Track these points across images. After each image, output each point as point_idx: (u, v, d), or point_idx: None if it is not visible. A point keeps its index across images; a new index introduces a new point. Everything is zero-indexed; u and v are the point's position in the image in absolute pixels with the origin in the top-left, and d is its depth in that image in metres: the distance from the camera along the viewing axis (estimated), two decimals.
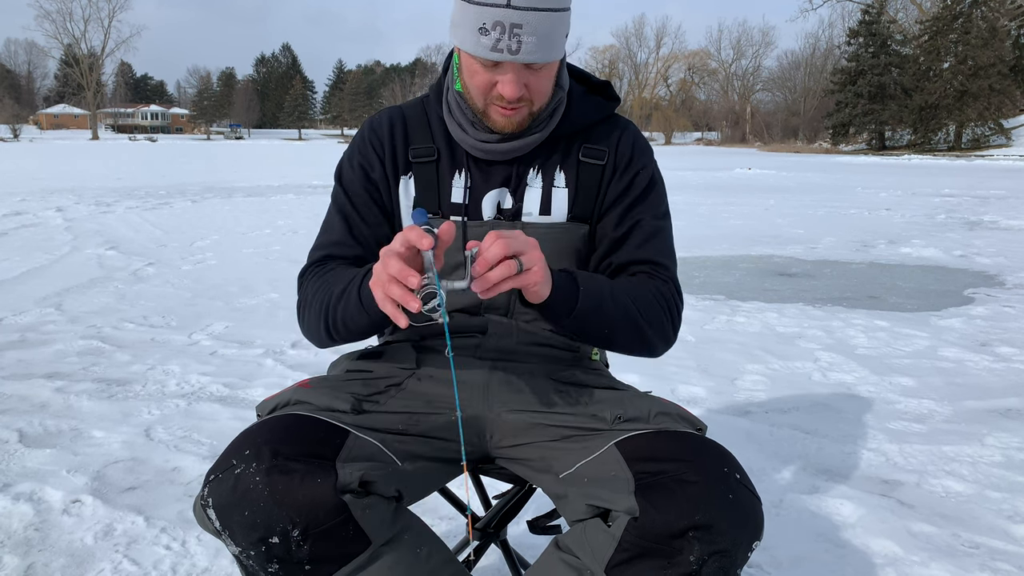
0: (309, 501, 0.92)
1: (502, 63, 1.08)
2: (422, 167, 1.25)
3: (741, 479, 0.97)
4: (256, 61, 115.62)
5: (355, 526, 0.96)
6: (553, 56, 1.09)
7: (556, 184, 1.24)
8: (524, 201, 1.23)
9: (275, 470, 0.93)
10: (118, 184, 13.66)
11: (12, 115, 73.55)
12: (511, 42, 1.04)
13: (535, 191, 1.23)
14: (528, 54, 1.06)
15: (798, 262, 6.27)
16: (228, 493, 0.93)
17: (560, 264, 1.21)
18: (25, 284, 4.83)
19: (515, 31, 1.03)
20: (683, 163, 27.86)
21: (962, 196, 13.02)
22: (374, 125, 1.29)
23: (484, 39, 1.05)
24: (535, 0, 1.03)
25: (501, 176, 1.23)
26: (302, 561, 0.94)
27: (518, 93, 1.10)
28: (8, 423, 2.52)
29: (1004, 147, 40.86)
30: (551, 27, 1.06)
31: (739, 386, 3.07)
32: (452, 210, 1.23)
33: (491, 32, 1.04)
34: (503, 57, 1.05)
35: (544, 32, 1.05)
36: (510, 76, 1.09)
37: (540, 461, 1.14)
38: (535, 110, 1.16)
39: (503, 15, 1.03)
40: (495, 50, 1.05)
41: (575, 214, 1.24)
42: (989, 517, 2.01)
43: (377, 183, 1.25)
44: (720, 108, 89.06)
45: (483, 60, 1.08)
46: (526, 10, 1.03)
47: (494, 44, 1.05)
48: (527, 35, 1.04)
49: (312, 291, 1.19)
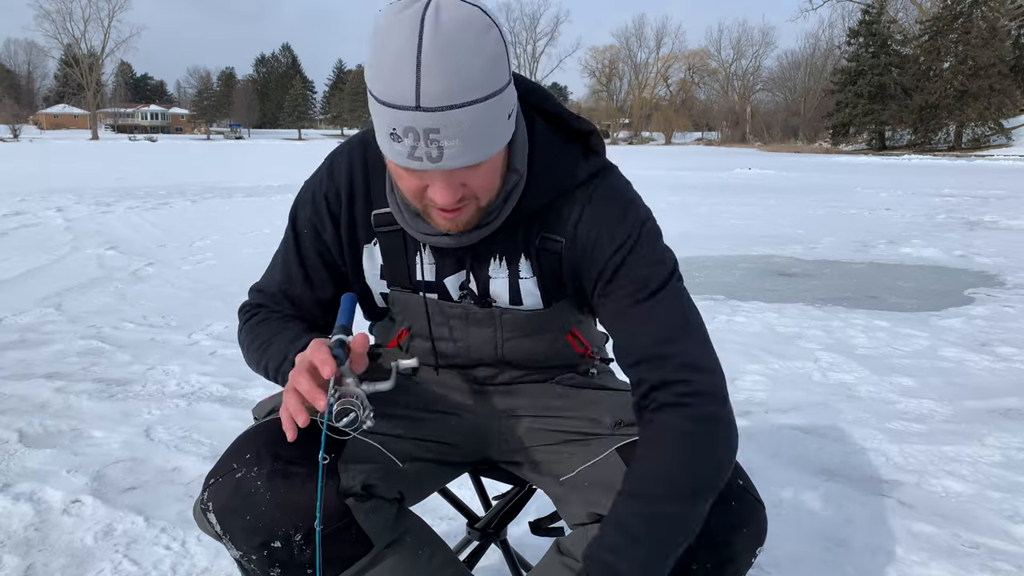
0: (311, 505, 0.92)
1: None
2: (386, 235, 1.08)
3: (744, 485, 0.97)
4: (256, 61, 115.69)
5: (357, 529, 0.95)
6: (490, 153, 0.88)
7: (522, 275, 1.06)
8: (491, 290, 1.07)
9: (276, 474, 0.92)
10: (118, 184, 13.65)
11: (12, 115, 73.56)
12: (430, 149, 0.83)
13: (500, 281, 1.06)
14: (453, 159, 0.84)
15: (798, 262, 6.27)
16: (229, 497, 0.92)
17: (545, 338, 1.13)
18: (25, 284, 4.83)
19: (432, 137, 0.82)
20: (683, 163, 27.87)
21: (962, 196, 13.01)
22: (333, 172, 1.09)
23: (398, 146, 0.84)
24: (452, 95, 0.80)
25: (460, 262, 1.07)
26: (304, 565, 0.94)
27: (454, 199, 0.89)
28: (8, 423, 2.52)
29: (1004, 147, 40.84)
30: (479, 122, 0.83)
31: (739, 386, 3.07)
32: (422, 286, 1.09)
33: (403, 139, 0.83)
34: (423, 166, 0.85)
35: (470, 131, 0.83)
36: (440, 183, 0.88)
37: (541, 464, 1.14)
38: (484, 205, 0.95)
39: (413, 120, 0.81)
40: (412, 158, 0.85)
41: (550, 300, 1.09)
42: (989, 517, 2.01)
43: (328, 244, 1.10)
44: (720, 108, 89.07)
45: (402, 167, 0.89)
46: (440, 111, 0.81)
47: (410, 152, 0.84)
48: (448, 139, 0.82)
49: (248, 341, 1.12)
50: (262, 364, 1.07)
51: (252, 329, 1.12)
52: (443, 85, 0.80)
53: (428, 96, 0.80)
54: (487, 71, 0.83)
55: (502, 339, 1.11)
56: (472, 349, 1.13)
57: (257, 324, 1.12)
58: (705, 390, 0.95)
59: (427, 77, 0.80)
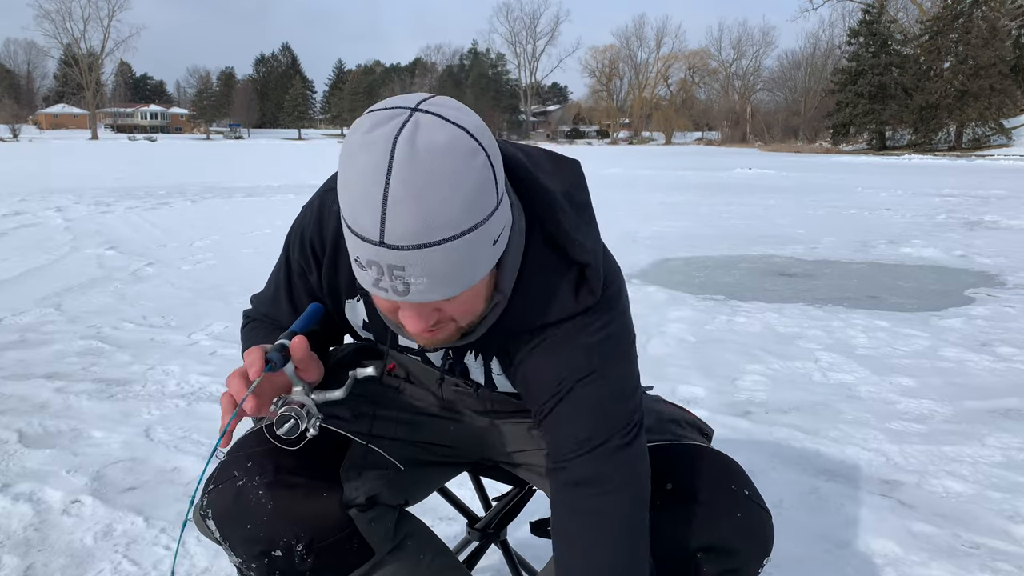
0: (314, 516, 0.92)
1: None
2: (370, 299, 1.01)
3: (750, 495, 0.96)
4: (256, 61, 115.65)
5: (359, 539, 0.95)
6: (463, 287, 0.79)
7: (494, 371, 1.03)
8: (470, 375, 1.06)
9: (278, 484, 0.92)
10: (118, 184, 13.65)
11: (12, 115, 73.53)
12: (395, 283, 0.75)
13: (477, 369, 1.04)
14: (421, 295, 0.77)
15: (798, 262, 6.27)
16: (229, 506, 0.92)
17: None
18: (25, 284, 4.83)
19: (396, 273, 0.74)
20: (683, 163, 27.87)
21: (962, 196, 13.01)
22: (323, 223, 1.00)
23: (363, 273, 0.77)
24: (419, 235, 0.71)
25: (438, 353, 1.05)
26: (305, 573, 0.93)
27: (425, 326, 0.82)
28: (8, 423, 2.52)
29: (1005, 147, 40.83)
30: (452, 260, 0.74)
31: (739, 386, 3.06)
32: (406, 350, 1.07)
33: (367, 269, 0.76)
34: (389, 297, 0.78)
35: (440, 269, 0.74)
36: (409, 313, 0.81)
37: (541, 466, 1.13)
38: (463, 326, 0.88)
39: (377, 255, 0.74)
40: (379, 288, 0.77)
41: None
42: (989, 517, 2.01)
43: (314, 285, 1.07)
44: (720, 108, 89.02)
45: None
46: (405, 250, 0.72)
47: (375, 282, 0.77)
48: (415, 277, 0.74)
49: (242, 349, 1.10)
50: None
51: (243, 336, 1.15)
52: (411, 224, 0.71)
53: (393, 234, 0.71)
54: (467, 205, 0.73)
55: (491, 404, 1.13)
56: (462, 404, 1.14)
57: (249, 331, 1.14)
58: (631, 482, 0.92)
59: (393, 212, 0.71)
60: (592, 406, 0.90)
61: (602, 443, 0.89)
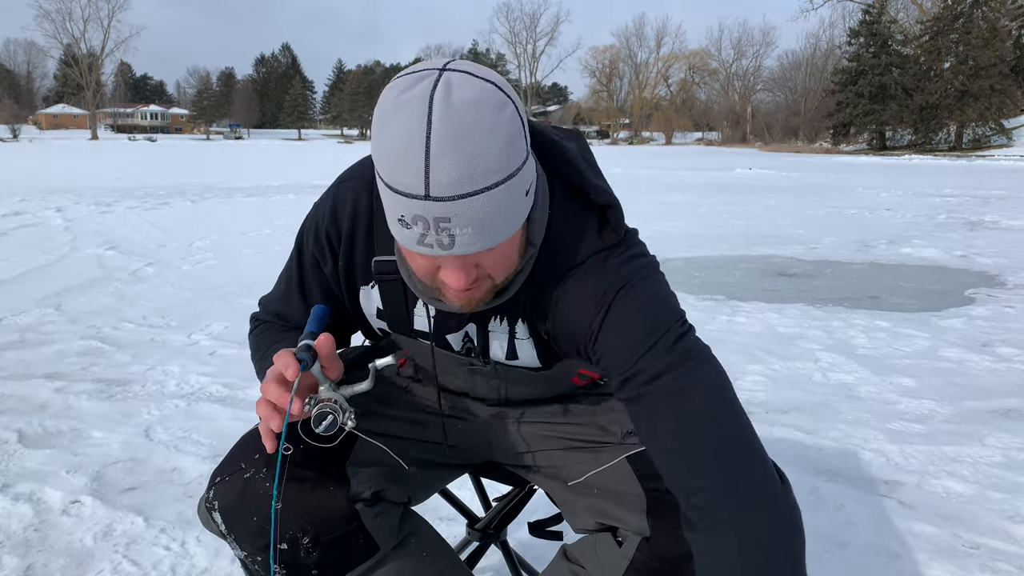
0: (320, 509, 0.92)
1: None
2: (386, 283, 1.04)
3: None
4: (256, 61, 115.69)
5: (365, 534, 0.95)
6: (504, 236, 0.82)
7: (519, 336, 1.03)
8: (490, 347, 1.05)
9: (285, 477, 0.92)
10: (117, 184, 13.65)
11: (11, 115, 73.54)
12: (440, 237, 0.78)
13: (500, 336, 1.03)
14: (466, 246, 0.80)
15: (799, 262, 6.27)
16: (236, 499, 0.92)
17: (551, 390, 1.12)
18: (25, 284, 4.83)
19: (442, 225, 0.77)
20: (683, 163, 27.87)
21: (963, 196, 13.01)
22: (336, 212, 1.04)
23: (406, 231, 0.80)
24: (463, 184, 0.75)
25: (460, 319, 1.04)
26: (310, 567, 0.94)
27: (467, 282, 0.85)
28: (8, 423, 2.52)
29: (1005, 147, 40.83)
30: (493, 208, 0.78)
31: (739, 386, 3.06)
32: (421, 335, 1.06)
33: (412, 227, 0.78)
34: (434, 252, 0.80)
35: (484, 218, 0.78)
36: (452, 267, 0.83)
37: (548, 468, 1.13)
38: (500, 283, 0.91)
39: (423, 209, 0.76)
40: (423, 244, 0.80)
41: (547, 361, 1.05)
42: (990, 518, 2.01)
43: (328, 277, 1.08)
44: (720, 108, 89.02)
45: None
46: (451, 200, 0.75)
47: (419, 239, 0.79)
48: (460, 227, 0.77)
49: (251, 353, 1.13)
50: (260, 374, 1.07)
51: (254, 340, 1.13)
52: (455, 173, 0.74)
53: (438, 186, 0.75)
54: (503, 154, 0.77)
55: (506, 388, 1.11)
56: (474, 392, 1.13)
57: (259, 335, 1.12)
58: (748, 502, 0.85)
59: (437, 165, 0.74)
60: (641, 307, 0.91)
61: (663, 335, 0.89)
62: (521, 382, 1.09)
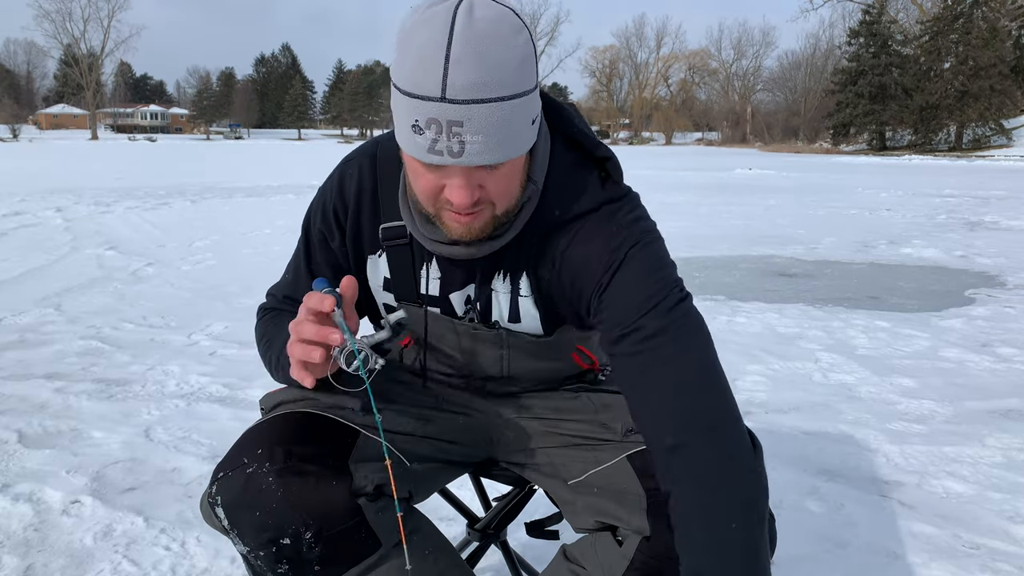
0: (323, 504, 0.92)
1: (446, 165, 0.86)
2: (394, 249, 1.07)
3: None
4: (256, 61, 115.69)
5: (367, 529, 0.95)
6: (510, 154, 0.86)
7: (522, 293, 1.04)
8: (492, 306, 1.06)
9: (288, 471, 0.92)
10: (117, 184, 13.65)
11: (11, 115, 73.58)
12: (451, 143, 0.81)
13: (503, 296, 1.05)
14: (475, 156, 0.83)
15: (799, 262, 6.27)
16: (239, 493, 0.92)
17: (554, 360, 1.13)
18: (25, 284, 4.83)
19: (455, 130, 0.81)
20: (683, 163, 27.88)
21: (963, 196, 13.01)
22: (343, 186, 1.08)
23: (419, 138, 0.83)
24: (479, 89, 0.79)
25: (466, 275, 1.05)
26: (312, 562, 0.94)
27: (471, 200, 0.87)
28: (8, 423, 2.52)
29: (1005, 147, 40.84)
30: (505, 120, 0.82)
31: (739, 387, 3.06)
32: (429, 301, 1.09)
33: (425, 131, 0.82)
34: (443, 160, 0.83)
35: (495, 128, 0.81)
36: (458, 181, 0.86)
37: (548, 466, 1.13)
38: (499, 213, 0.93)
39: (438, 111, 0.80)
40: (433, 152, 0.83)
41: (549, 325, 1.07)
42: (990, 518, 2.01)
43: (336, 252, 1.11)
44: (720, 108, 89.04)
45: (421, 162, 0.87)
46: (466, 103, 0.79)
47: (431, 145, 0.82)
48: (471, 134, 0.81)
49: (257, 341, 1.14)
50: (268, 358, 1.10)
51: (261, 328, 1.15)
52: (471, 77, 0.79)
53: (455, 88, 0.79)
54: (516, 70, 0.82)
55: (508, 359, 1.12)
56: (477, 367, 1.14)
57: (268, 321, 1.15)
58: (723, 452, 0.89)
59: (455, 68, 0.79)
60: (648, 269, 0.96)
61: (663, 299, 0.94)
62: (524, 351, 1.10)
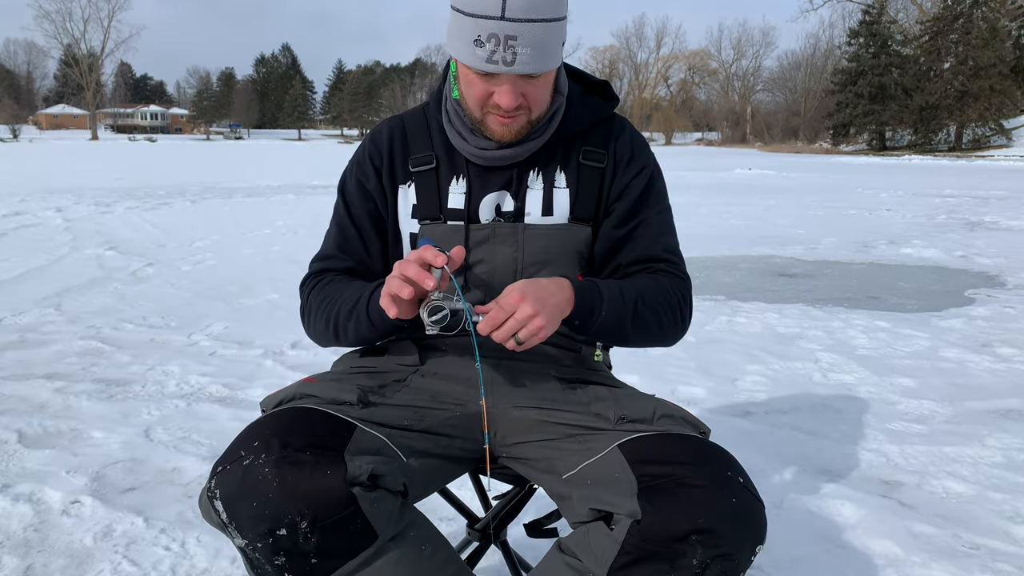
0: (318, 492, 0.93)
1: (498, 74, 1.08)
2: (422, 175, 1.25)
3: (744, 483, 0.97)
4: (256, 61, 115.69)
5: (363, 519, 0.96)
6: (549, 66, 1.10)
7: (557, 185, 1.24)
8: (526, 202, 1.23)
9: (284, 461, 0.93)
10: (117, 184, 13.66)
11: (11, 115, 73.65)
12: (506, 54, 1.05)
13: (536, 192, 1.24)
14: (523, 65, 1.06)
15: (799, 262, 6.27)
16: (236, 484, 0.93)
17: (562, 265, 1.23)
18: (25, 284, 4.83)
19: (510, 43, 1.04)
20: (683, 163, 27.86)
21: (963, 197, 13.02)
22: (375, 137, 1.31)
23: (479, 51, 1.05)
24: (530, 11, 1.03)
25: (501, 180, 1.24)
26: (309, 554, 0.94)
27: (515, 103, 1.11)
28: (8, 423, 2.52)
29: (1005, 147, 40.87)
30: (546, 37, 1.06)
31: (739, 387, 3.06)
32: (451, 215, 1.23)
33: (486, 44, 1.04)
34: (498, 69, 1.06)
35: (539, 43, 1.05)
36: (506, 87, 1.09)
37: (543, 461, 1.15)
38: (533, 118, 1.16)
39: (497, 27, 1.03)
40: (490, 62, 1.06)
41: (576, 215, 1.24)
42: (990, 518, 2.01)
43: (373, 195, 1.28)
44: (720, 108, 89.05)
45: (478, 71, 1.09)
46: (520, 22, 1.03)
47: (489, 56, 1.05)
48: (522, 47, 1.04)
49: (316, 303, 1.25)
50: (333, 313, 1.21)
51: (320, 291, 1.26)
52: (526, 1, 1.02)
53: (512, 9, 1.02)
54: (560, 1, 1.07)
55: (522, 263, 1.22)
56: (496, 274, 1.22)
57: (324, 286, 1.26)
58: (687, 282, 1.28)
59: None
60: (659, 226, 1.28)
61: (665, 203, 1.33)
62: (537, 250, 1.22)
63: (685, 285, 1.26)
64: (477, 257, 1.22)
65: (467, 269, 1.23)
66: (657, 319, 1.20)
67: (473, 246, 1.22)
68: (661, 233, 1.27)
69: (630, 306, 1.16)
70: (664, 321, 1.21)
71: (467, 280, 1.23)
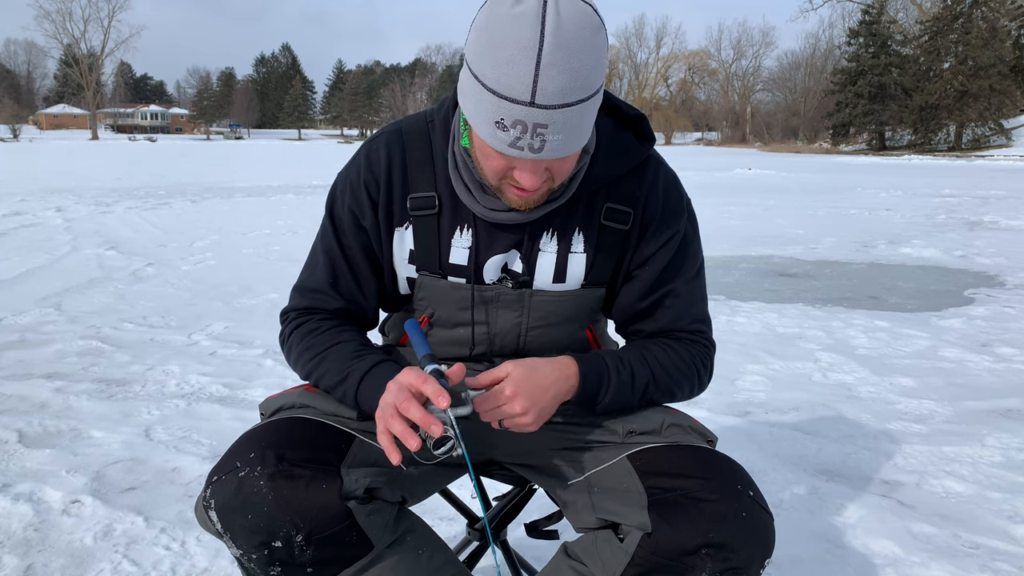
0: (313, 507, 0.92)
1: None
2: (421, 219, 1.10)
3: (754, 496, 0.97)
4: (256, 61, 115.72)
5: (359, 531, 0.95)
6: (581, 145, 0.93)
7: (574, 249, 1.10)
8: (536, 266, 1.10)
9: (279, 475, 0.93)
10: (118, 184, 13.65)
11: (12, 115, 73.57)
12: (533, 141, 0.87)
13: (549, 256, 1.10)
14: (553, 151, 0.89)
15: (798, 262, 6.27)
16: (231, 496, 0.93)
17: (569, 328, 1.16)
18: (25, 284, 4.83)
19: (539, 131, 0.86)
20: (683, 163, 27.85)
21: (962, 196, 13.01)
22: (371, 159, 1.11)
23: (502, 134, 0.88)
24: (565, 95, 0.85)
25: (511, 240, 1.09)
26: (304, 565, 0.94)
27: (539, 184, 0.95)
28: (8, 423, 2.52)
29: (1004, 147, 40.86)
30: (582, 118, 0.88)
31: (739, 387, 3.06)
32: (452, 271, 1.11)
33: (510, 130, 0.87)
34: (523, 155, 0.90)
35: (574, 127, 0.88)
36: (530, 167, 0.93)
37: (548, 467, 1.14)
38: (555, 186, 1.00)
39: (526, 115, 0.85)
40: (514, 147, 0.89)
41: (591, 281, 1.13)
42: (989, 517, 2.01)
43: (368, 230, 1.12)
44: (720, 108, 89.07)
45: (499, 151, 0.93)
46: (554, 108, 0.85)
47: (513, 142, 0.88)
48: (553, 134, 0.87)
49: (300, 349, 1.13)
50: (314, 376, 1.10)
51: (303, 338, 1.13)
52: (560, 85, 0.84)
53: (544, 94, 0.84)
54: (596, 71, 0.87)
55: (527, 326, 1.13)
56: (497, 337, 1.14)
57: (308, 333, 1.13)
58: (712, 347, 1.19)
59: (546, 76, 0.83)
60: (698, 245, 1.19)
61: (698, 270, 1.22)
62: (543, 317, 1.13)
63: (708, 353, 1.17)
64: (479, 318, 1.13)
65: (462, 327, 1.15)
66: (669, 395, 1.13)
67: (475, 305, 1.13)
68: (691, 304, 1.15)
69: (639, 392, 1.08)
70: (677, 394, 1.13)
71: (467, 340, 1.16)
